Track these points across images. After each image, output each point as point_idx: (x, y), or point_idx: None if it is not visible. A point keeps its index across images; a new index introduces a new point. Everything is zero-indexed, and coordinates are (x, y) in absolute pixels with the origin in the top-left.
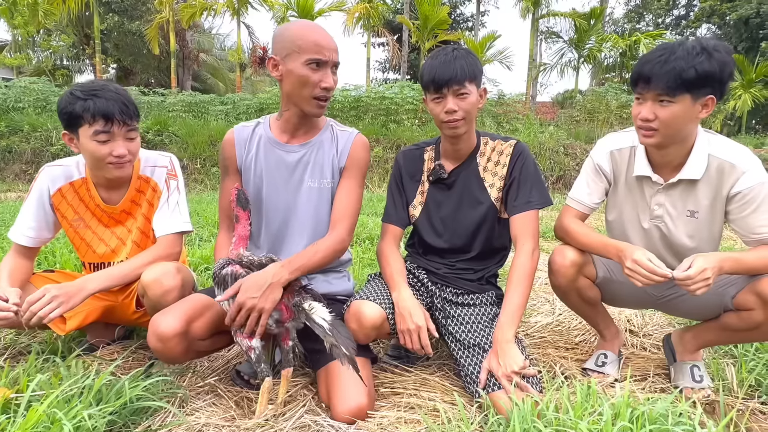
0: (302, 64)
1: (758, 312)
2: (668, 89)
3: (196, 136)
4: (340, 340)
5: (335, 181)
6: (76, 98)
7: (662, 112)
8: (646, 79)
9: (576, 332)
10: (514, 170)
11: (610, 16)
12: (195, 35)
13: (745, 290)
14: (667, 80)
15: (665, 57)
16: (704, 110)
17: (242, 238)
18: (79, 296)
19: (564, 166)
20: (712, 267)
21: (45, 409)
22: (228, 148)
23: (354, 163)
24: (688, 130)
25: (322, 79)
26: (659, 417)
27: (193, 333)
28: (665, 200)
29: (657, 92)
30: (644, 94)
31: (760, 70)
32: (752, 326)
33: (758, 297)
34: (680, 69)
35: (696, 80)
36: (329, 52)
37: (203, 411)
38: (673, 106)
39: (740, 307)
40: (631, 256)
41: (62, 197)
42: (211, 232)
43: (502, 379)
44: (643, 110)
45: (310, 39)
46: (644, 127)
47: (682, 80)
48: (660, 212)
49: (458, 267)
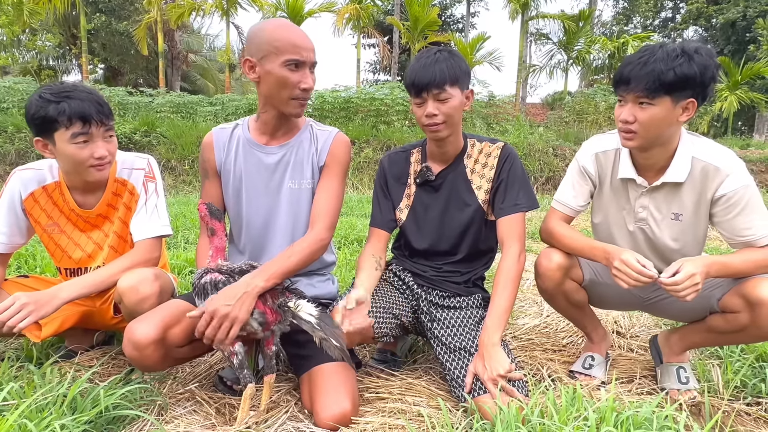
0: (280, 65)
1: (744, 314)
2: (647, 91)
3: (185, 137)
4: (329, 333)
5: (315, 180)
6: (48, 101)
7: (641, 114)
8: (626, 81)
9: (563, 334)
10: (501, 172)
11: (599, 19)
12: (184, 36)
13: (731, 293)
14: (646, 82)
15: (645, 59)
16: (685, 113)
17: (219, 249)
18: (51, 305)
19: (553, 167)
20: (700, 272)
21: (15, 419)
22: (207, 151)
23: (333, 160)
24: (670, 133)
25: (301, 79)
26: (644, 421)
27: (171, 340)
28: (649, 203)
29: (636, 94)
30: (625, 96)
31: (746, 72)
32: (738, 328)
33: (743, 299)
34: (659, 71)
35: (675, 82)
36: (307, 52)
37: (183, 419)
38: (652, 108)
39: (726, 309)
40: (619, 256)
41: (35, 202)
42: (197, 234)
43: (488, 383)
44: (623, 112)
45: (287, 39)
46: (624, 129)
47: (661, 82)
48: (644, 215)
49: (445, 269)
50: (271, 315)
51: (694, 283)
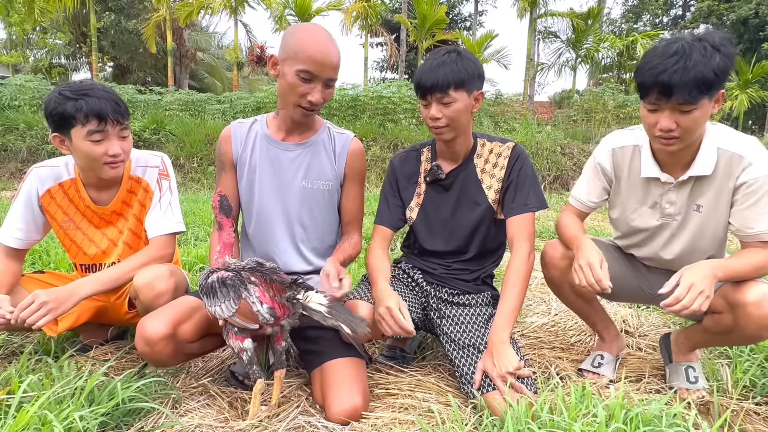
0: (294, 72)
1: (726, 316)
2: (691, 98)
3: (193, 134)
4: (341, 319)
5: (332, 183)
6: (67, 98)
7: (684, 121)
8: (667, 90)
9: (572, 333)
10: (512, 172)
11: (608, 16)
12: (192, 34)
13: (716, 294)
14: (690, 90)
15: (682, 64)
16: (717, 105)
17: (227, 245)
18: (69, 302)
19: (561, 166)
20: (701, 278)
21: (36, 411)
22: (224, 144)
23: (353, 171)
24: (702, 129)
25: (308, 92)
26: (653, 418)
27: (181, 336)
28: (677, 198)
29: (678, 102)
30: (661, 105)
31: (757, 71)
32: (725, 330)
33: (725, 301)
34: (701, 75)
35: (714, 81)
36: (323, 69)
37: (196, 412)
38: (695, 112)
39: (713, 310)
40: (588, 258)
41: (51, 198)
42: (207, 231)
43: (497, 380)
44: (663, 120)
45: (308, 51)
46: (665, 137)
47: (705, 86)
48: (671, 210)
49: (454, 267)
50: (279, 309)
51: (698, 291)
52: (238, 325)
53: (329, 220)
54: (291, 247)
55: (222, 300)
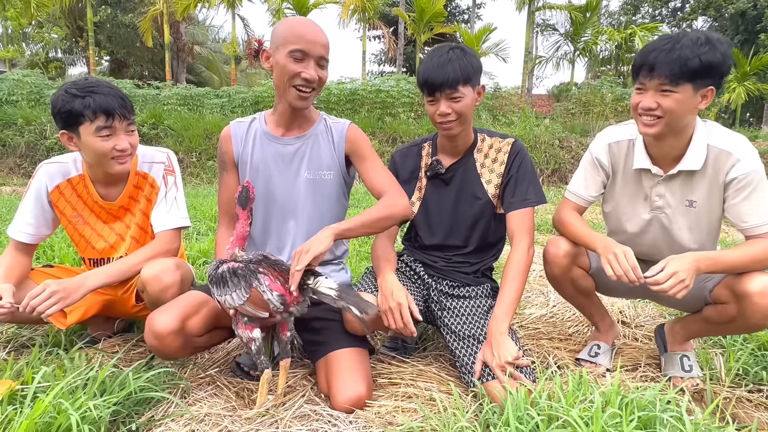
0: (285, 54)
1: (731, 306)
2: (672, 78)
3: (192, 129)
4: (351, 302)
5: (335, 172)
6: (74, 96)
7: (665, 101)
8: (650, 67)
9: (569, 323)
10: (512, 168)
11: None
12: (189, 27)
13: (721, 284)
14: (672, 68)
15: (670, 45)
16: (704, 101)
17: (240, 237)
18: (78, 292)
19: (559, 159)
20: (685, 269)
21: (51, 400)
22: (225, 144)
23: (358, 147)
24: (687, 120)
25: (302, 69)
26: (648, 404)
27: (189, 330)
28: (665, 191)
29: (660, 81)
30: (646, 84)
31: (755, 63)
32: (727, 319)
33: (731, 291)
34: (685, 57)
35: (699, 70)
36: (312, 45)
37: (205, 401)
38: (675, 95)
39: (716, 300)
40: (614, 249)
41: (60, 194)
42: (208, 226)
43: (496, 370)
44: (645, 99)
45: (295, 32)
46: (646, 116)
47: (686, 69)
48: (660, 203)
49: (455, 261)
50: (289, 296)
51: (680, 280)
52: (249, 313)
53: (335, 210)
54: (300, 240)
55: (233, 289)
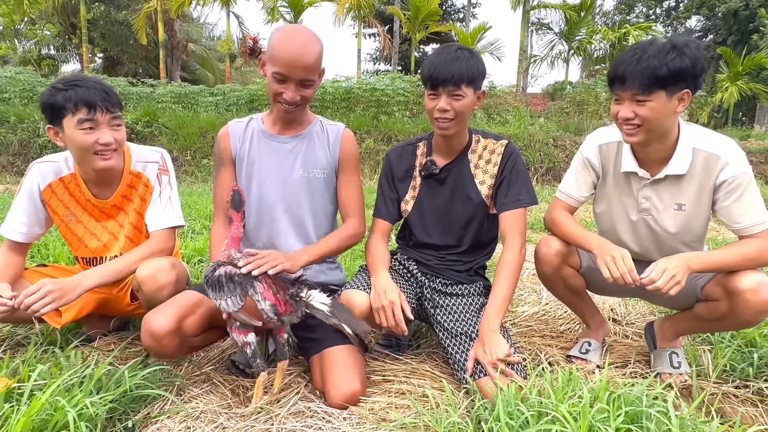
0: (271, 74)
1: (723, 303)
2: (643, 87)
3: (186, 127)
4: (343, 319)
5: (327, 171)
6: (57, 90)
7: (641, 110)
8: (622, 80)
9: (561, 321)
10: (504, 170)
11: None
12: (183, 25)
13: (712, 282)
14: (641, 79)
15: (637, 57)
16: (681, 104)
17: (235, 239)
18: (75, 292)
19: (553, 158)
20: (675, 267)
21: (47, 398)
22: (223, 141)
23: (347, 158)
24: (668, 125)
25: (283, 91)
26: (635, 399)
27: (185, 330)
28: (652, 194)
29: (632, 92)
30: (621, 95)
31: (747, 62)
32: (719, 316)
33: (722, 288)
34: (653, 67)
35: (669, 77)
36: (292, 69)
37: (200, 399)
38: (649, 104)
39: (708, 297)
40: (612, 252)
41: (52, 193)
42: (203, 224)
43: (488, 367)
44: (622, 110)
45: (281, 53)
46: (626, 125)
47: (656, 78)
48: (647, 205)
49: (448, 259)
50: (281, 306)
51: (670, 276)
52: (242, 320)
53: (326, 209)
54: (292, 236)
55: (228, 295)
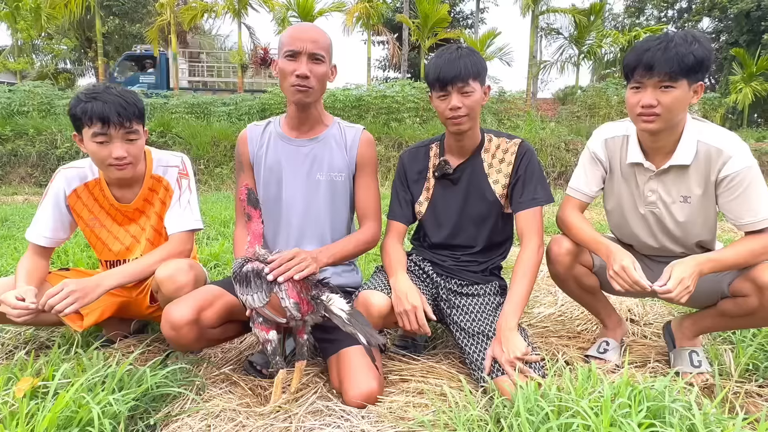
0: (282, 58)
1: (753, 298)
2: (671, 74)
3: (200, 137)
4: (359, 328)
5: (346, 174)
6: (79, 101)
7: (664, 98)
8: (648, 66)
9: (578, 322)
10: (519, 168)
11: (610, 12)
12: (196, 37)
13: (740, 277)
14: (671, 65)
15: (665, 44)
16: (695, 96)
17: (256, 235)
18: (95, 292)
19: (565, 162)
20: (690, 275)
21: (72, 395)
22: (241, 146)
23: (364, 161)
24: (681, 116)
25: (296, 68)
26: (657, 395)
27: (204, 321)
28: (658, 186)
29: (659, 78)
30: (645, 82)
31: (761, 63)
32: (748, 312)
33: (753, 283)
34: (682, 54)
35: (694, 65)
36: (301, 42)
37: (220, 398)
38: (674, 91)
39: (736, 293)
40: (620, 262)
41: (77, 198)
42: (218, 230)
43: (506, 365)
44: (645, 97)
45: (288, 35)
46: (646, 113)
47: (684, 65)
48: (653, 198)
49: (463, 260)
50: (305, 306)
51: (685, 286)
52: (267, 316)
53: (344, 212)
54: (308, 239)
55: (255, 290)
